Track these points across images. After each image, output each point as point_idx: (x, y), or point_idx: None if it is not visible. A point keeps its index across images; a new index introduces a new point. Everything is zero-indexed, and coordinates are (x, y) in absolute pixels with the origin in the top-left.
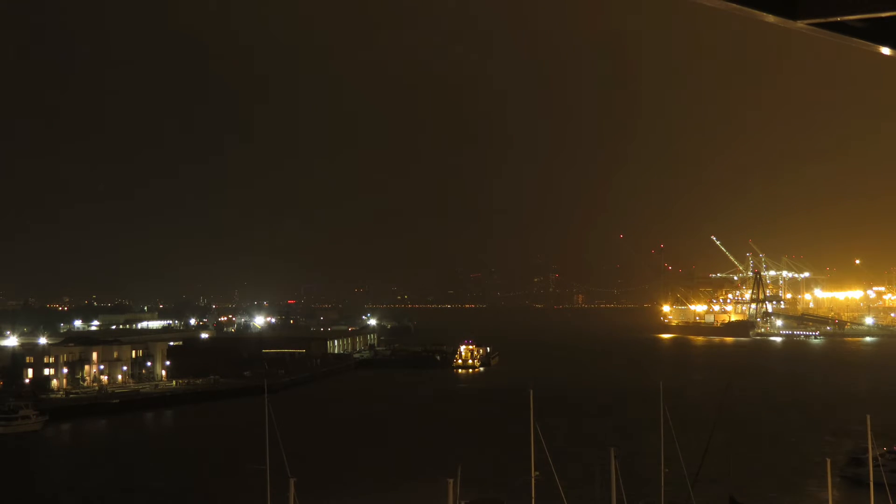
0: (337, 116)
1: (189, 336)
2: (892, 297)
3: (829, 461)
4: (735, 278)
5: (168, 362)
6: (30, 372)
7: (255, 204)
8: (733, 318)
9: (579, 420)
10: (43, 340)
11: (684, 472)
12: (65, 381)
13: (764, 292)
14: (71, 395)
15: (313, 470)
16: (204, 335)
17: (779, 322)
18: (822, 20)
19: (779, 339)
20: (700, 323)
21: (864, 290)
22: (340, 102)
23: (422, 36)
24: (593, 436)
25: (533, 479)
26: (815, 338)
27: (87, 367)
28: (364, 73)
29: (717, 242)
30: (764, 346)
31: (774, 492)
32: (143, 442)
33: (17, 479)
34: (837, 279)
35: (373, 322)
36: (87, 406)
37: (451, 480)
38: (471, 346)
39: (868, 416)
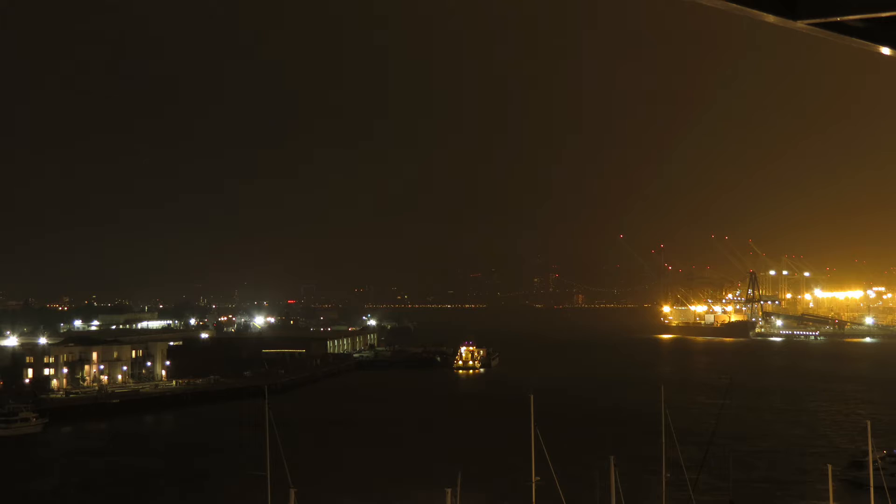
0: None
1: (189, 336)
2: (892, 297)
3: (829, 466)
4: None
5: (168, 362)
6: (30, 372)
7: (253, 203)
8: (733, 318)
9: (581, 423)
10: (43, 340)
11: (685, 476)
12: (65, 381)
13: (759, 292)
14: (71, 395)
15: (312, 476)
16: (204, 335)
17: (779, 322)
18: (821, 20)
19: (778, 340)
20: (700, 323)
21: (864, 290)
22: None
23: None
24: (595, 440)
25: (534, 485)
26: (816, 338)
27: (87, 367)
28: (363, 71)
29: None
30: (763, 347)
31: (775, 495)
32: (144, 443)
33: (18, 481)
34: (837, 279)
35: (373, 322)
36: (87, 406)
37: (448, 490)
38: (471, 347)
39: (868, 422)
